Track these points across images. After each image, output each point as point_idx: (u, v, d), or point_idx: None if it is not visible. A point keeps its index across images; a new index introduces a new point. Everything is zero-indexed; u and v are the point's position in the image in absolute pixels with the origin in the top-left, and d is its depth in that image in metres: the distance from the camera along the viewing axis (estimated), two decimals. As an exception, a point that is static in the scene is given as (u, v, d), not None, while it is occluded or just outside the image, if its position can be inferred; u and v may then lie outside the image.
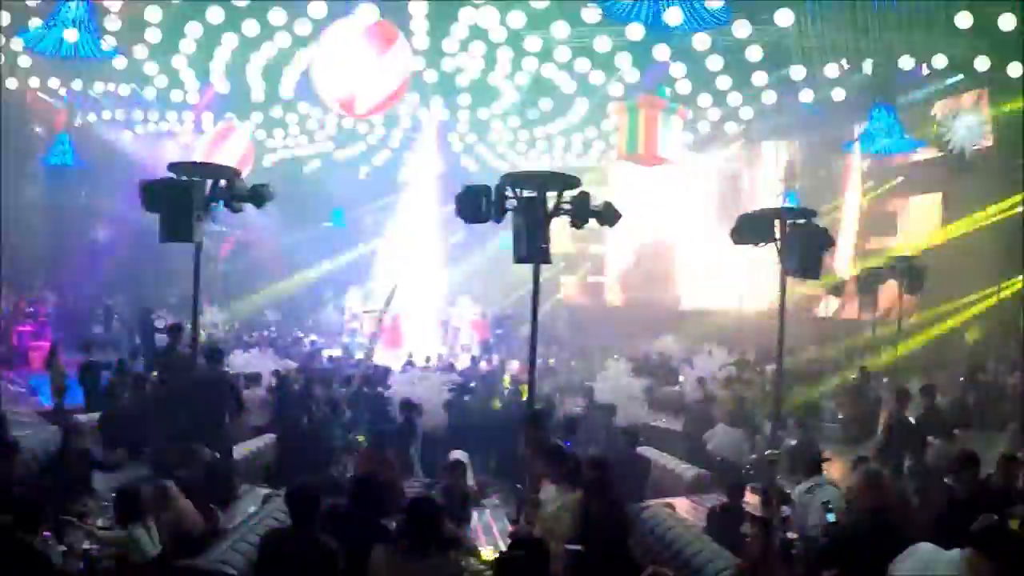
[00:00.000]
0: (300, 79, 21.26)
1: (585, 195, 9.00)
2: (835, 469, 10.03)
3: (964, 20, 16.92)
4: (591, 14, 18.59)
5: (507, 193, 9.05)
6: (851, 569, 6.17)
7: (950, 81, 20.20)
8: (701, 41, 19.00)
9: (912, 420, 12.50)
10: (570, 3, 18.45)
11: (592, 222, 9.11)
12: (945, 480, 8.38)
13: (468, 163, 29.85)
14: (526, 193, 9.00)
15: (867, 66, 19.81)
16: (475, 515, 10.09)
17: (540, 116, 25.25)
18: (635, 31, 18.23)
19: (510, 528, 8.75)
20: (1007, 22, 16.56)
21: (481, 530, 9.70)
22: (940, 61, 19.13)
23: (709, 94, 23.06)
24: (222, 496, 9.49)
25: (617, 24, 18.68)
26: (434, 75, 21.72)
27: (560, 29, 18.83)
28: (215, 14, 18.31)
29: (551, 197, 8.97)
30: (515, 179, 9.19)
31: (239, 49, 20.33)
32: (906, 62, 19.18)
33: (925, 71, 19.85)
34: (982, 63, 18.72)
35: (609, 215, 9.15)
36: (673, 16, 17.06)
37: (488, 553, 8.20)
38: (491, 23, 18.65)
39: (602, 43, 19.44)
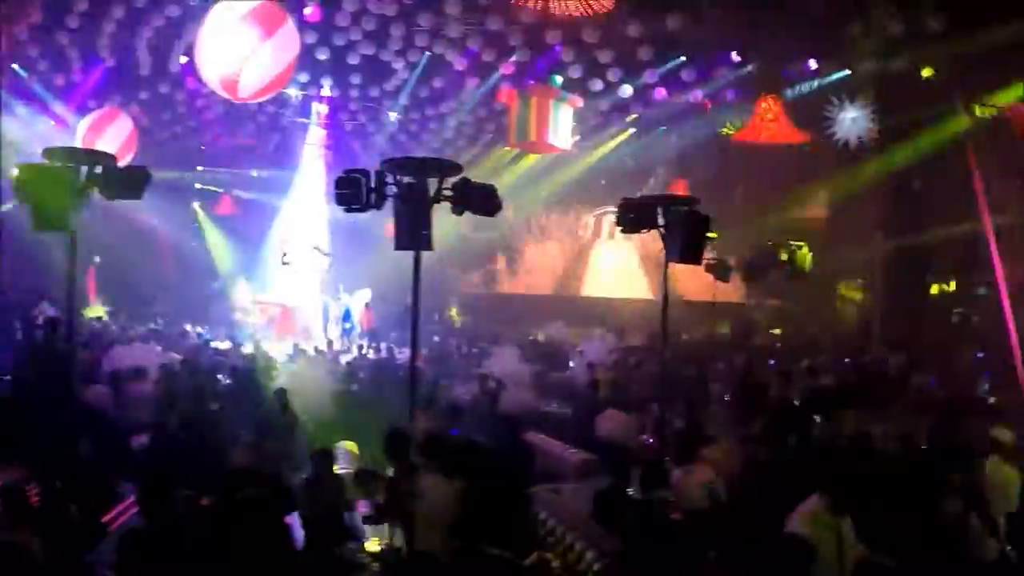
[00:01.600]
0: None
1: (467, 182, 8.93)
2: (720, 450, 10.14)
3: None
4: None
5: (387, 179, 8.92)
6: (729, 547, 6.29)
7: (837, 75, 20.69)
8: (590, 34, 19.27)
9: (796, 400, 12.82)
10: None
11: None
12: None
13: (358, 147, 29.47)
14: (407, 179, 8.90)
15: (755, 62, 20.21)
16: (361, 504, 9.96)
17: (430, 95, 25.08)
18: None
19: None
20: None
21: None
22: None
23: (600, 80, 23.17)
24: (103, 495, 9.16)
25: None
26: (326, 52, 21.40)
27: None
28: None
29: (432, 183, 8.89)
30: (395, 165, 9.05)
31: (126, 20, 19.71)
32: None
33: (814, 65, 20.31)
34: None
35: (490, 203, 9.07)
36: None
37: (372, 544, 8.12)
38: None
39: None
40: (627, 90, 22.64)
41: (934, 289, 20.41)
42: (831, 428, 11.61)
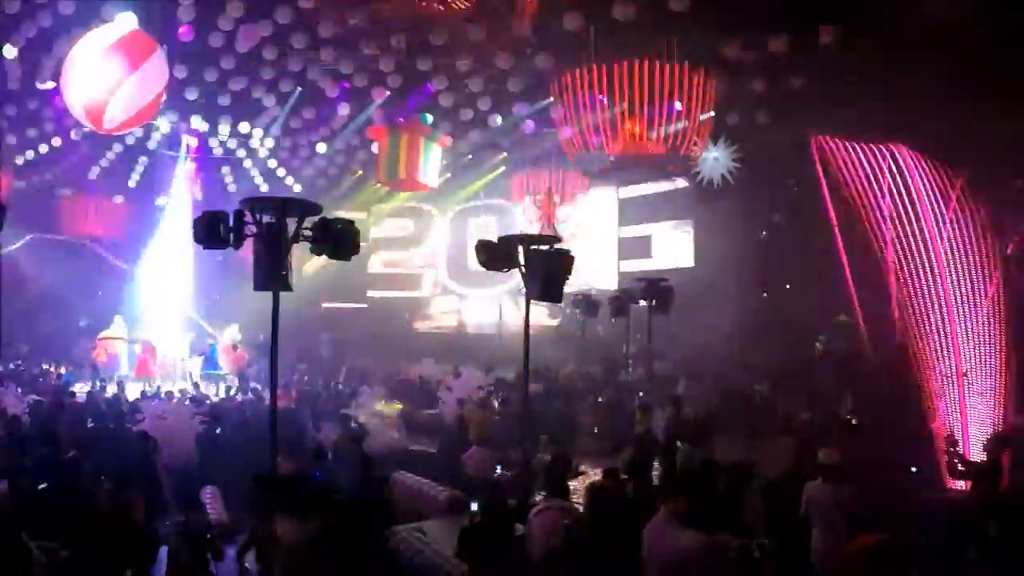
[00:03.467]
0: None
1: (326, 222, 8.88)
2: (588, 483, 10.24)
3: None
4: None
5: (246, 219, 8.82)
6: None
7: (703, 117, 21.31)
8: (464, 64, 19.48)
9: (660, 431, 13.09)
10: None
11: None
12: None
13: (230, 185, 29.05)
14: (266, 219, 8.81)
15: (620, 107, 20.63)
16: (228, 551, 9.73)
17: (303, 126, 24.92)
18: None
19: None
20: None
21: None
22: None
23: (474, 125, 23.44)
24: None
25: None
26: (195, 92, 21.03)
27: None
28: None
29: (292, 223, 8.82)
30: (254, 204, 8.94)
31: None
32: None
33: (679, 107, 20.87)
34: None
35: (349, 244, 9.02)
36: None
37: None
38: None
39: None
40: (496, 120, 22.83)
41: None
42: (694, 455, 11.87)
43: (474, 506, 10.12)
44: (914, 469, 12.26)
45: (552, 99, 20.62)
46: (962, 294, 12.81)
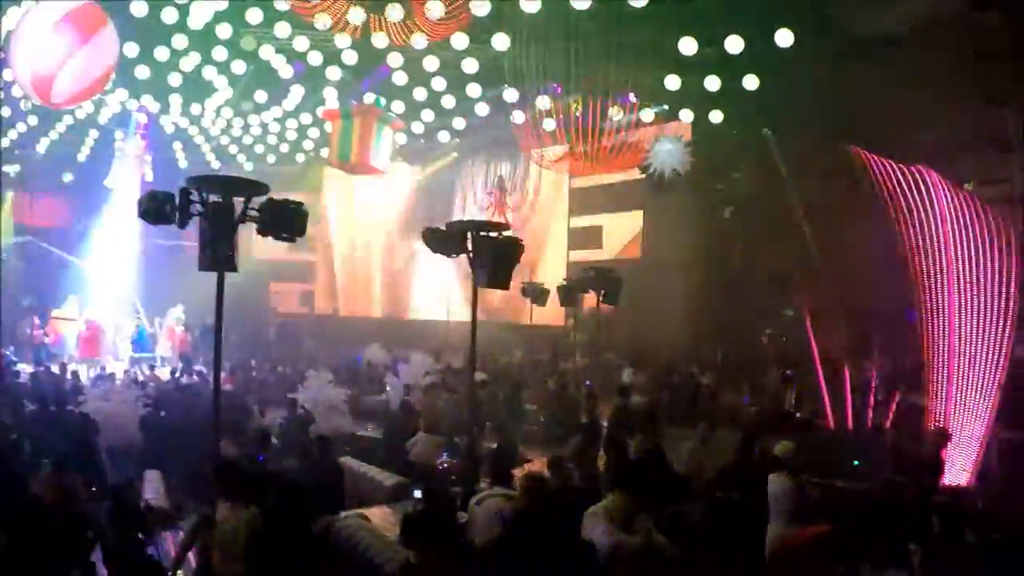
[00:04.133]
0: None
1: (273, 202, 8.76)
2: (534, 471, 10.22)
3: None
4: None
5: (192, 198, 8.68)
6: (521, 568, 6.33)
7: (655, 109, 21.38)
8: (430, 62, 19.40)
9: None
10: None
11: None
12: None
13: (181, 161, 28.62)
14: (212, 198, 8.68)
15: (576, 96, 20.64)
16: (168, 536, 9.62)
17: (255, 107, 24.61)
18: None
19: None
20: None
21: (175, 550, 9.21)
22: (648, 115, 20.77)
23: (428, 108, 23.29)
24: None
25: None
26: (146, 71, 20.65)
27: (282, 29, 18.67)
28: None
29: (239, 203, 8.70)
30: (201, 183, 8.80)
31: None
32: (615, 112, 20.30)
33: (633, 98, 20.91)
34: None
35: (297, 224, 8.92)
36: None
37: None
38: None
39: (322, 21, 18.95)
40: (451, 101, 22.74)
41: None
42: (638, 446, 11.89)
43: (417, 493, 10.08)
44: (856, 463, 12.41)
45: (506, 85, 20.58)
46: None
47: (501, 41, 18.23)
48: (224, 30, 18.97)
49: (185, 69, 20.92)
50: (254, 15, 18.39)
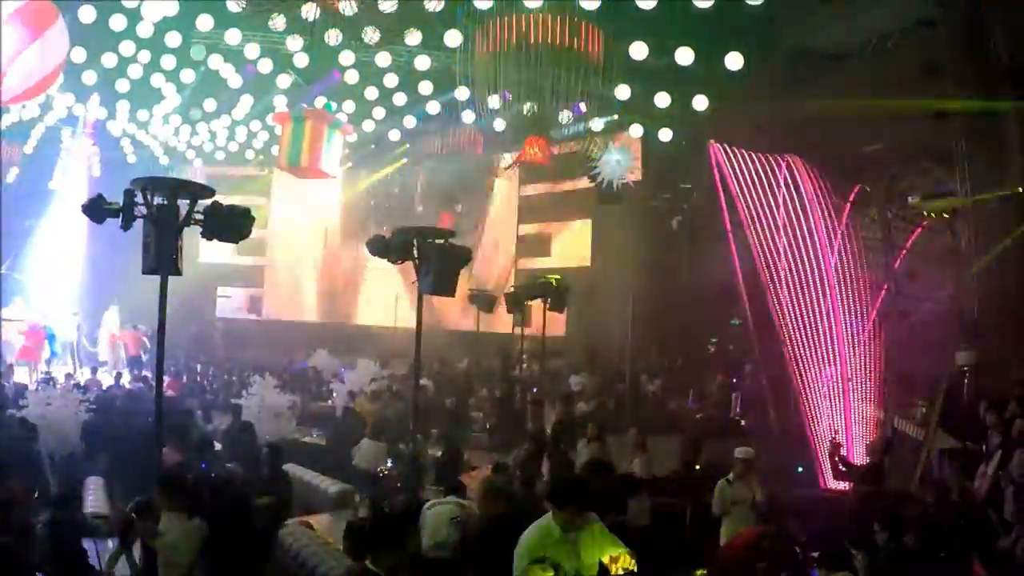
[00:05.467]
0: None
1: (218, 206, 8.67)
2: (480, 478, 10.23)
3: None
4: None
5: (137, 199, 8.56)
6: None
7: (604, 120, 21.52)
8: (383, 58, 19.36)
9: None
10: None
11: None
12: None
13: (130, 157, 28.16)
14: (157, 200, 8.56)
15: (526, 106, 20.71)
16: (110, 544, 9.42)
17: (203, 116, 24.43)
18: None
19: None
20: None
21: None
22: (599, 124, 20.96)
23: (379, 106, 23.23)
24: None
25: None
26: (93, 76, 20.35)
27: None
28: None
29: (183, 206, 8.59)
30: (145, 184, 8.65)
31: None
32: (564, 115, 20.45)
33: (583, 108, 21.04)
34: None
35: (240, 228, 8.83)
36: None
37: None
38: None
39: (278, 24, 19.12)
40: (402, 98, 22.73)
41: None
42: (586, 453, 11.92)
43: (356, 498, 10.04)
44: (799, 469, 12.57)
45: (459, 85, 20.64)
46: (849, 305, 13.14)
47: (453, 38, 18.28)
48: (173, 38, 18.83)
49: (133, 76, 20.70)
50: (204, 22, 18.28)
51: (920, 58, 15.93)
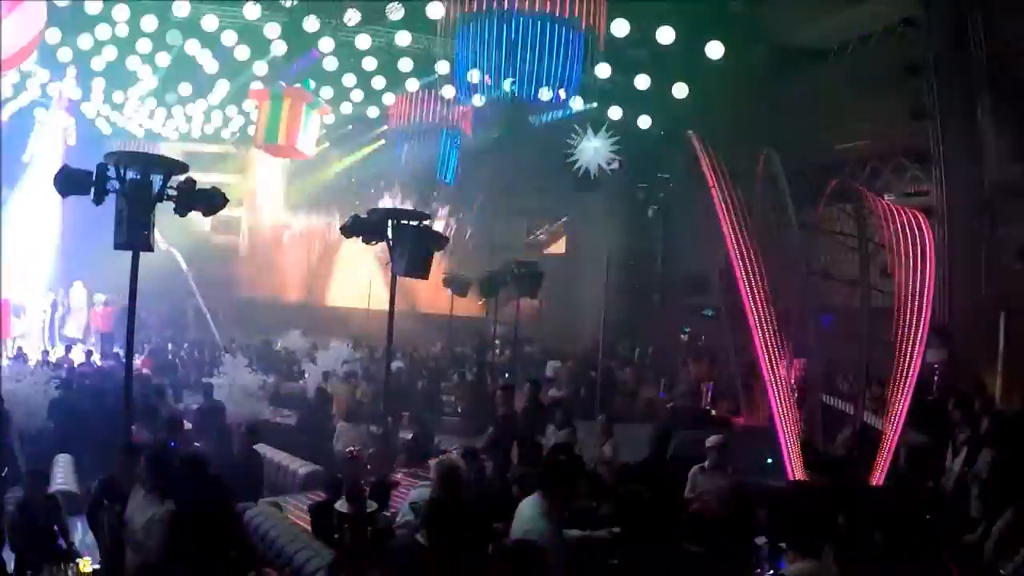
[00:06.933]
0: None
1: (191, 182, 8.60)
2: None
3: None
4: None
5: (110, 174, 8.48)
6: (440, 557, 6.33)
7: (583, 107, 21.49)
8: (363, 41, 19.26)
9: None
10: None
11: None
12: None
13: (104, 128, 27.87)
14: (131, 175, 8.48)
15: (506, 84, 20.63)
16: (78, 523, 9.35)
17: (179, 99, 24.18)
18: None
19: None
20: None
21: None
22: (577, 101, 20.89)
23: (358, 88, 23.13)
24: None
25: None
26: (68, 53, 20.10)
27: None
28: None
29: (157, 181, 8.51)
30: (119, 159, 8.57)
31: None
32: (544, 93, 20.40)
33: (562, 96, 21.03)
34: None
35: (213, 204, 8.76)
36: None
37: (84, 565, 7.58)
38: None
39: (252, 12, 18.90)
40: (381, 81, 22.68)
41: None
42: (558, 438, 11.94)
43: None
44: (769, 460, 12.61)
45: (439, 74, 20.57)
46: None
47: (435, 9, 18.21)
48: (149, 22, 18.68)
49: (108, 58, 20.53)
50: (180, 7, 18.18)
51: (901, 57, 16.02)
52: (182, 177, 8.64)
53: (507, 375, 17.87)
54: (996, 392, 13.60)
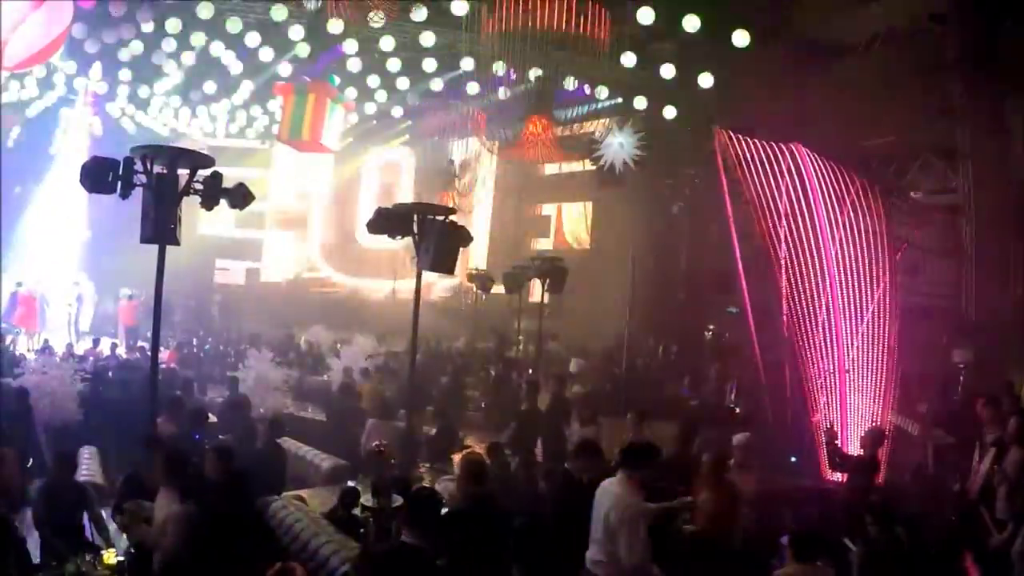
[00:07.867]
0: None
1: (217, 175, 8.62)
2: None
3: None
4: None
5: (136, 167, 8.50)
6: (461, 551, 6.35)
7: (609, 102, 21.44)
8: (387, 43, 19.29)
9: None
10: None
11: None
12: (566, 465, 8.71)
13: (129, 134, 28.00)
14: (157, 169, 8.51)
15: (532, 74, 20.61)
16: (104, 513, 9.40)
17: (203, 98, 24.44)
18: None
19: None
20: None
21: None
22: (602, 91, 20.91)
23: (382, 88, 23.19)
24: None
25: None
26: (95, 45, 20.17)
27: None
28: None
29: (183, 175, 8.54)
30: (145, 152, 8.61)
31: None
32: (569, 82, 20.33)
33: (587, 90, 20.95)
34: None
35: (239, 198, 8.78)
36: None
37: (109, 556, 7.61)
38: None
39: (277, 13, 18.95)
40: (405, 82, 22.68)
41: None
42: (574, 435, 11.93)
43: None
44: (793, 459, 12.54)
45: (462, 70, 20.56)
46: (850, 296, 13.06)
47: (459, 7, 18.18)
48: (173, 24, 18.85)
49: (135, 51, 20.56)
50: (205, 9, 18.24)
51: (929, 53, 15.87)
52: (208, 171, 8.64)
53: (530, 371, 17.83)
54: (1024, 392, 13.45)
